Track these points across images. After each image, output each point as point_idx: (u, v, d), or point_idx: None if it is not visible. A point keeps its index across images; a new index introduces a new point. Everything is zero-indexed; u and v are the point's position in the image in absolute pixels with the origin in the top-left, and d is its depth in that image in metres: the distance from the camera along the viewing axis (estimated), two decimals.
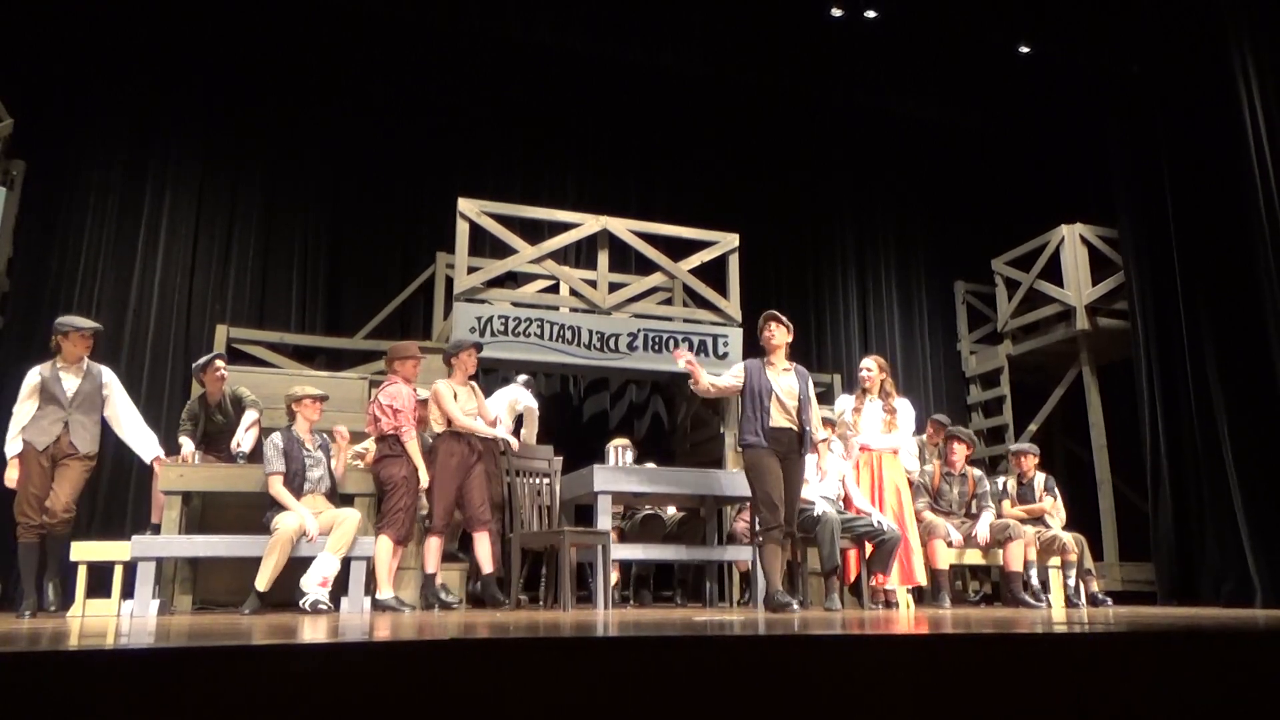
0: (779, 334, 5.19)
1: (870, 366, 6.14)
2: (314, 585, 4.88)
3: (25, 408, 5.14)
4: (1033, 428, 8.67)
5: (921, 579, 5.86)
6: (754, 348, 7.41)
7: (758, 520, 5.05)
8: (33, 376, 5.20)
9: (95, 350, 5.38)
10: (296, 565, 5.07)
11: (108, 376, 5.38)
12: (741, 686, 1.90)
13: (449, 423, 5.46)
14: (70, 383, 5.20)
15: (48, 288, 6.90)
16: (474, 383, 5.80)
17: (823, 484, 5.67)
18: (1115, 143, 8.24)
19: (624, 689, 1.84)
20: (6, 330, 6.57)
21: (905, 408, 6.13)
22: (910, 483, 6.22)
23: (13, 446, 5.10)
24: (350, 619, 4.25)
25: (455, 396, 5.55)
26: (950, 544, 6.23)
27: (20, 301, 6.74)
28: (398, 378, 5.48)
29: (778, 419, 5.03)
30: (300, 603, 4.81)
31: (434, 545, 5.40)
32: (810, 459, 5.32)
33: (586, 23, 8.16)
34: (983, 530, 6.34)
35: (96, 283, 7.07)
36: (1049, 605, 6.29)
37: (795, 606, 4.77)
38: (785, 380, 5.14)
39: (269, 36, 7.87)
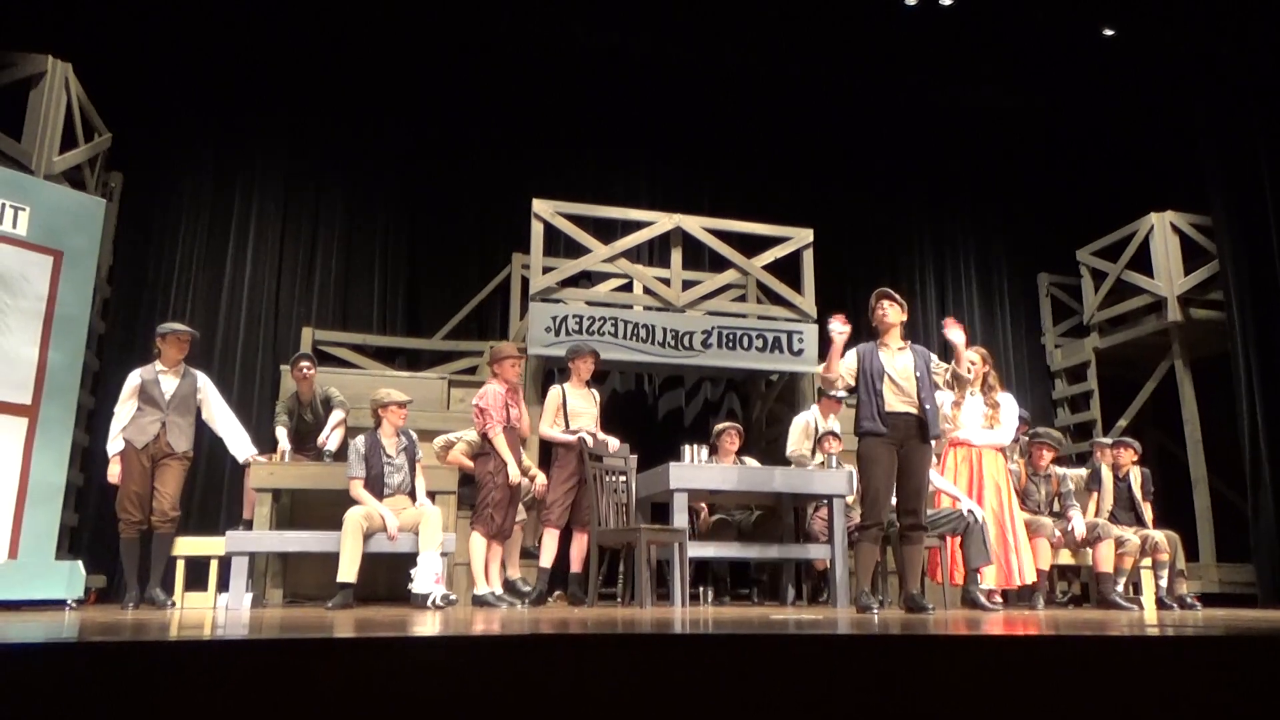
0: (892, 312, 4.90)
1: (973, 359, 5.79)
2: (430, 584, 5.00)
3: (126, 408, 5.43)
4: (1123, 423, 8.37)
5: (1029, 577, 5.66)
6: (829, 343, 7.31)
7: (859, 515, 4.87)
8: (133, 378, 5.49)
9: (191, 353, 5.66)
10: (380, 561, 5.21)
11: (202, 381, 5.67)
12: (819, 685, 1.89)
13: (565, 426, 5.74)
14: (169, 385, 5.49)
15: (145, 294, 7.21)
16: (593, 388, 6.04)
17: None
18: (1206, 126, 7.89)
19: (703, 685, 1.84)
20: (108, 335, 6.89)
21: (1009, 403, 5.90)
22: None
23: (114, 445, 5.39)
24: (424, 614, 4.34)
25: (566, 402, 5.78)
26: (1051, 542, 6.03)
27: (120, 307, 7.06)
28: (497, 379, 5.65)
29: (894, 403, 4.71)
30: (428, 604, 4.92)
31: (548, 540, 5.61)
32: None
33: (656, 24, 8.16)
34: (1079, 525, 6.13)
35: (190, 289, 7.36)
36: (1142, 607, 6.07)
37: (875, 608, 4.69)
38: (900, 361, 4.83)
39: (346, 50, 8.06)
